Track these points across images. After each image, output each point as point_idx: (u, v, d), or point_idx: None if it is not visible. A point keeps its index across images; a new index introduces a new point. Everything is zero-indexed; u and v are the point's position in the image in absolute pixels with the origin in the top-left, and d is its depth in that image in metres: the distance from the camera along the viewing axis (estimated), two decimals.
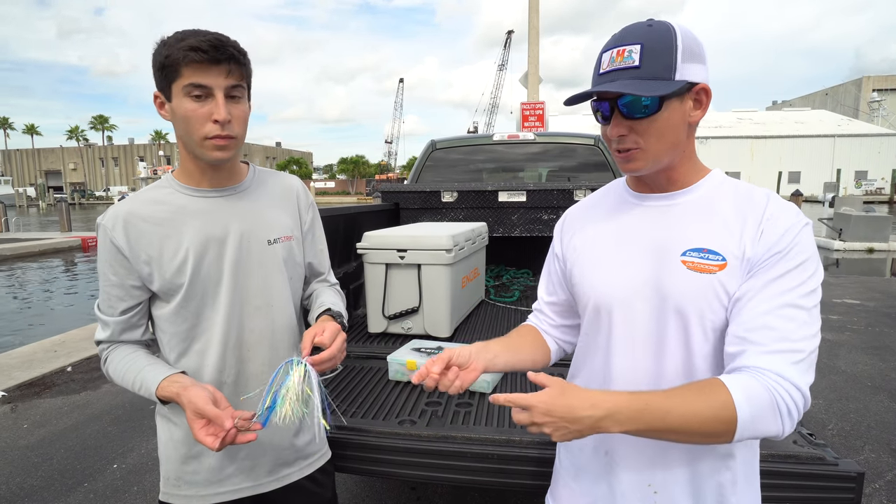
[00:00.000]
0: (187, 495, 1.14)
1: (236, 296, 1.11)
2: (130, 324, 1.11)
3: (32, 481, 2.78)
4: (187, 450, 1.13)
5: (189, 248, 1.06)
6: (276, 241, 1.16)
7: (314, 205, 1.31)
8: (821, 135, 43.59)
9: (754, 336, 0.78)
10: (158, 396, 1.03)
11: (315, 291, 1.30)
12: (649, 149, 0.85)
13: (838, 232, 12.36)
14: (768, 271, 0.80)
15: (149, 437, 3.24)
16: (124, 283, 1.07)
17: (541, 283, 1.18)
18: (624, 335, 0.92)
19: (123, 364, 1.09)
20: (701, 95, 0.85)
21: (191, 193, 1.10)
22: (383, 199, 3.57)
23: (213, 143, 1.01)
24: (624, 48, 0.82)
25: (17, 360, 4.58)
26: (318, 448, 1.29)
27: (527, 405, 0.76)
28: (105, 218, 1.06)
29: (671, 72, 0.81)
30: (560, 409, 0.75)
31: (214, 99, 0.99)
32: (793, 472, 1.30)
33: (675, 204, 0.91)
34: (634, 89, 0.80)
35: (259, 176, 1.20)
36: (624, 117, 0.84)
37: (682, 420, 0.75)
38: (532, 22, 11.24)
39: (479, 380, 1.76)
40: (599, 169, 3.89)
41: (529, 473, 1.41)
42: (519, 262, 3.87)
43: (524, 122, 10.85)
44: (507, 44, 60.23)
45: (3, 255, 12.96)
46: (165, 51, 0.97)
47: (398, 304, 2.40)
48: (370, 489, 2.67)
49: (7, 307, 8.41)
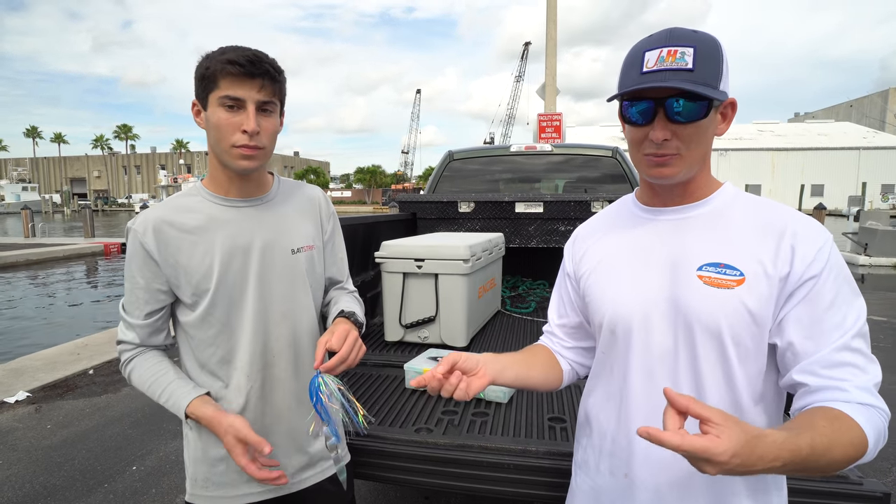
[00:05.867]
0: (214, 496, 1.17)
1: (262, 303, 1.14)
2: (155, 327, 1.14)
3: (55, 480, 2.84)
4: (216, 452, 1.15)
5: (216, 255, 1.09)
6: (300, 250, 1.19)
7: (335, 214, 1.35)
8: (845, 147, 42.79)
9: (838, 373, 0.77)
10: (188, 413, 1.07)
11: (333, 298, 1.33)
12: (687, 157, 0.83)
13: (864, 247, 12.07)
14: (819, 298, 0.79)
15: (167, 441, 3.29)
16: (151, 286, 1.10)
17: (552, 305, 1.15)
18: (641, 353, 0.90)
19: (150, 374, 1.12)
20: (727, 109, 0.85)
21: (219, 202, 1.13)
22: (401, 208, 3.60)
23: (240, 152, 1.05)
24: (676, 49, 0.79)
25: (41, 362, 4.69)
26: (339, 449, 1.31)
27: (712, 454, 0.61)
28: (136, 223, 1.09)
29: (718, 81, 0.80)
30: (754, 460, 0.64)
31: (246, 111, 1.03)
32: (816, 490, 1.27)
33: (688, 217, 0.90)
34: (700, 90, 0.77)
35: (283, 186, 1.24)
36: (669, 120, 0.81)
37: (835, 457, 0.71)
38: (550, 33, 11.28)
39: (496, 390, 1.78)
40: (617, 181, 3.88)
41: (545, 484, 1.40)
42: (535, 274, 3.87)
43: (541, 134, 10.85)
44: (524, 55, 60.48)
45: (29, 260, 13.31)
46: (207, 63, 1.03)
47: (415, 313, 2.41)
48: (384, 496, 2.67)
49: (32, 310, 8.62)
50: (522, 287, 3.63)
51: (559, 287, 1.13)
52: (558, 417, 1.66)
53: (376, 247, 2.46)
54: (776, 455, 0.65)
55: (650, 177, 0.87)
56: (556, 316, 1.13)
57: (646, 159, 0.85)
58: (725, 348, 0.83)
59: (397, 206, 3.66)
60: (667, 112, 0.80)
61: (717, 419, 0.63)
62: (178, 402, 1.07)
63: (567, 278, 1.09)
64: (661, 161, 0.84)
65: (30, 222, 18.81)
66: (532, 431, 1.57)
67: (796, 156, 42.98)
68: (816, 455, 0.68)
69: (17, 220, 30.35)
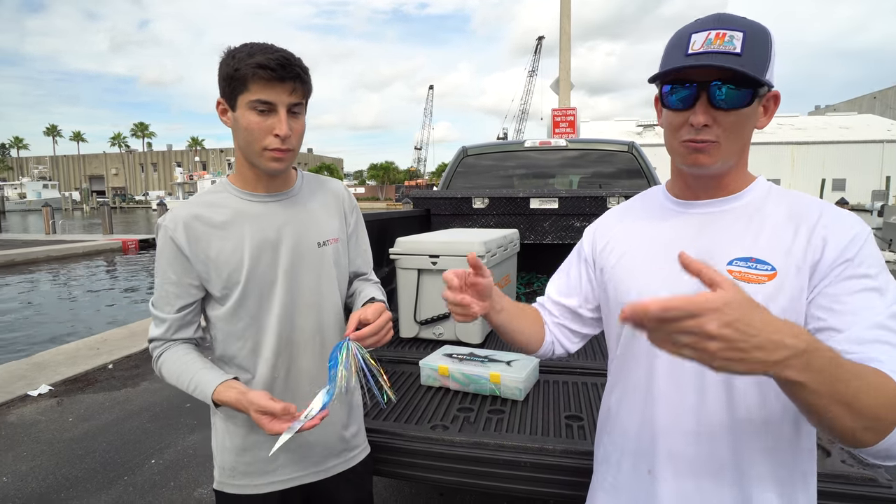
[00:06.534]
0: (241, 484, 1.20)
1: (289, 296, 1.16)
2: (185, 321, 1.15)
3: (76, 472, 2.90)
4: (242, 441, 1.18)
5: (245, 249, 1.12)
6: (325, 243, 1.22)
7: (357, 208, 1.37)
8: (868, 140, 41.82)
9: (871, 350, 0.71)
10: (214, 399, 1.08)
11: (358, 288, 1.35)
12: (726, 146, 0.80)
13: (888, 243, 11.82)
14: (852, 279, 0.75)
15: (184, 435, 3.34)
16: (182, 280, 1.12)
17: (553, 281, 1.13)
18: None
19: (178, 365, 1.13)
20: (770, 103, 0.83)
21: (246, 198, 1.15)
22: (415, 205, 3.59)
23: (271, 155, 1.07)
24: (725, 32, 0.76)
25: (63, 356, 4.79)
26: (361, 442, 1.35)
27: (702, 306, 0.53)
28: (166, 219, 1.11)
29: (765, 69, 0.77)
30: (756, 322, 0.54)
31: (277, 114, 1.04)
32: (843, 493, 1.24)
33: (721, 211, 0.88)
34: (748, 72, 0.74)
35: (307, 181, 1.26)
36: (712, 106, 0.78)
37: (862, 391, 0.61)
38: (564, 27, 11.17)
39: (512, 387, 1.77)
40: (633, 176, 3.82)
41: (562, 483, 1.39)
42: (550, 270, 3.81)
43: (555, 129, 10.76)
44: (537, 50, 60.02)
45: (50, 256, 13.59)
46: (235, 64, 1.02)
47: (430, 309, 2.41)
48: (399, 493, 2.68)
49: (53, 306, 8.80)
50: (537, 283, 3.60)
51: (568, 267, 1.11)
52: (575, 416, 1.64)
53: (391, 243, 2.45)
54: (795, 332, 0.57)
55: (686, 164, 0.84)
56: (555, 293, 1.11)
57: (682, 146, 0.82)
58: None
59: (411, 202, 3.65)
60: (710, 97, 0.78)
61: (727, 285, 0.56)
62: (205, 390, 1.08)
63: (583, 263, 1.07)
64: (699, 147, 0.81)
65: (50, 219, 19.22)
66: (549, 429, 1.55)
67: (817, 149, 42.09)
68: (839, 373, 0.59)
69: (38, 217, 31.02)
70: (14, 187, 59.17)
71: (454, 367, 1.85)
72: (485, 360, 1.90)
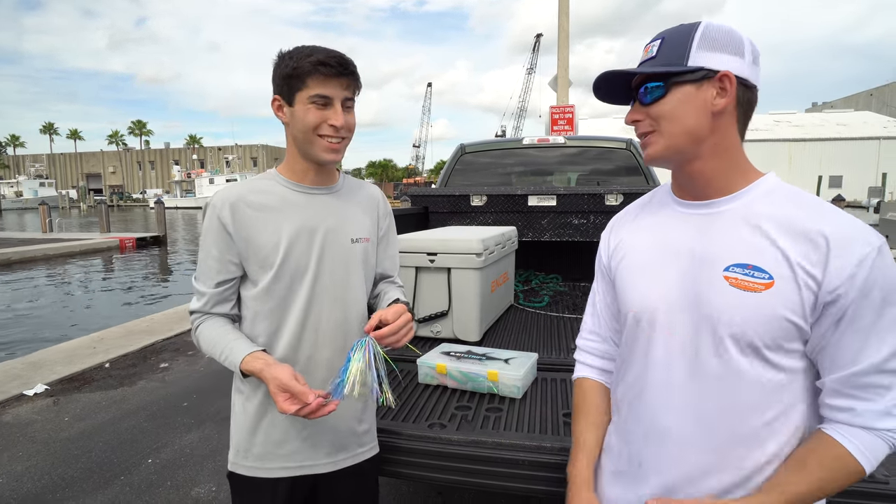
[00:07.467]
0: (251, 466, 1.23)
1: (319, 285, 1.22)
2: (223, 297, 1.21)
3: (73, 472, 2.88)
4: (255, 422, 1.22)
5: (283, 233, 1.18)
6: (358, 240, 1.28)
7: (391, 214, 1.44)
8: (865, 137, 41.87)
9: (863, 394, 0.78)
10: (241, 369, 1.12)
11: (382, 290, 1.40)
12: (663, 131, 0.86)
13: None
14: (857, 318, 0.76)
15: (181, 434, 3.32)
16: (223, 257, 1.19)
17: (586, 322, 1.16)
18: (662, 347, 0.89)
19: (213, 334, 1.19)
20: (725, 83, 0.83)
21: (293, 188, 1.23)
22: (413, 202, 3.58)
23: (327, 145, 1.16)
24: (650, 45, 0.89)
25: (59, 355, 4.76)
26: (370, 440, 1.37)
27: None
28: (215, 199, 1.19)
29: (683, 59, 0.83)
30: None
31: (333, 107, 1.13)
32: None
33: (717, 213, 0.87)
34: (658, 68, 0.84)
35: (348, 182, 1.34)
36: (641, 105, 0.89)
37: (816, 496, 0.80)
38: (562, 24, 11.13)
39: (510, 385, 1.76)
40: (631, 173, 3.82)
41: (560, 481, 1.37)
42: (548, 267, 3.83)
43: (553, 126, 10.73)
44: (535, 47, 59.92)
45: (47, 255, 13.55)
46: (293, 63, 1.11)
47: (427, 307, 2.40)
48: (396, 492, 2.67)
49: (50, 304, 8.78)
50: (535, 281, 3.60)
51: (593, 297, 1.14)
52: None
53: None
54: None
55: (644, 160, 0.94)
56: (590, 339, 1.15)
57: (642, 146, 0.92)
58: (744, 351, 0.81)
59: (409, 199, 3.64)
60: (639, 97, 0.89)
61: None
62: (234, 358, 1.13)
63: (604, 279, 1.09)
64: (643, 144, 0.91)
65: (47, 218, 19.13)
66: (547, 427, 1.55)
67: (814, 146, 42.15)
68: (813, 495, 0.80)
69: (35, 215, 30.87)
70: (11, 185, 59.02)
71: (452, 365, 1.84)
72: (482, 358, 1.90)
